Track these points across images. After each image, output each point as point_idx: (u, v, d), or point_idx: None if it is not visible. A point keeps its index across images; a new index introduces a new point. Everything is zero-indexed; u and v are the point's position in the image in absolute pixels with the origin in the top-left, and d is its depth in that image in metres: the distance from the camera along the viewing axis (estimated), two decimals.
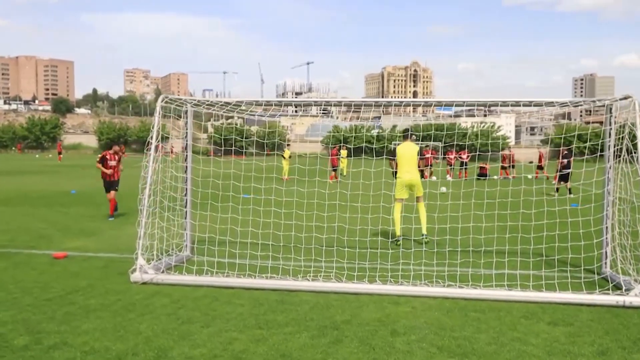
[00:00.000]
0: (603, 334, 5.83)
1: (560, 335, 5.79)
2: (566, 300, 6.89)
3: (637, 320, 6.34)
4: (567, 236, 8.03)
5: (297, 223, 9.12)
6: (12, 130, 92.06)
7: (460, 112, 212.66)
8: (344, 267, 8.03)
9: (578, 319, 6.31)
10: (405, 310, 6.55)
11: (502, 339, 5.64)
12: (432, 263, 8.08)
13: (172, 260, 8.52)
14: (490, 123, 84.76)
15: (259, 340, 5.55)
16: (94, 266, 8.73)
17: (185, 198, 9.21)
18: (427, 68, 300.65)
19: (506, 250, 8.58)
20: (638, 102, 7.40)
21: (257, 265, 8.10)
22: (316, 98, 8.84)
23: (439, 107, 7.74)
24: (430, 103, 8.70)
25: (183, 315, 6.34)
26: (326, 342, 5.50)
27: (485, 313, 6.49)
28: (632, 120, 7.36)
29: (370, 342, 5.52)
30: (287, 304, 6.78)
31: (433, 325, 6.04)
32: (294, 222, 9.06)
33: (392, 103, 9.31)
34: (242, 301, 6.89)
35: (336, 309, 6.59)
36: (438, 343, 5.50)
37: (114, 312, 6.39)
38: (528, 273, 7.68)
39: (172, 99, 8.59)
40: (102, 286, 7.52)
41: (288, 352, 5.23)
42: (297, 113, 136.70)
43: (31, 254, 9.59)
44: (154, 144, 8.15)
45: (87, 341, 5.45)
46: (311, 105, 10.05)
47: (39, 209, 15.90)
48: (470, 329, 5.92)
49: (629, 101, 7.54)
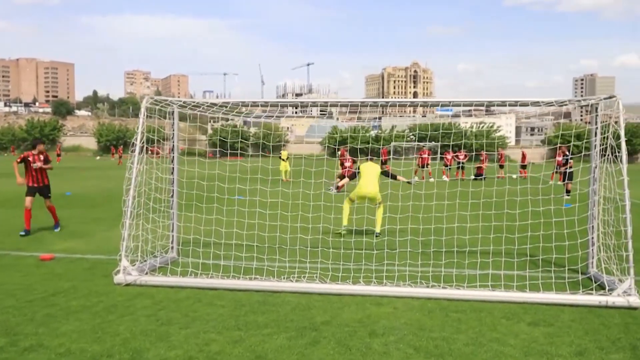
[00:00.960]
0: (583, 334, 5.81)
1: (540, 335, 5.77)
2: (549, 300, 6.87)
3: (618, 320, 6.32)
4: (551, 236, 8.01)
5: (282, 224, 9.10)
6: (12, 133, 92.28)
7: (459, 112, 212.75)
8: (329, 268, 8.01)
9: (559, 320, 6.30)
10: (386, 311, 6.54)
11: (481, 340, 5.62)
12: (417, 264, 8.06)
13: (157, 261, 8.51)
14: (490, 123, 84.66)
15: (237, 341, 5.54)
16: (80, 268, 8.72)
17: (172, 199, 9.20)
18: (427, 69, 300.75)
19: (490, 250, 8.57)
20: (622, 101, 7.39)
21: (242, 267, 8.09)
22: (303, 99, 8.77)
23: (437, 108, 7.64)
24: (417, 103, 8.68)
25: (163, 316, 6.32)
26: (303, 344, 5.48)
27: (467, 314, 6.48)
28: (616, 120, 7.35)
29: (348, 343, 5.51)
30: (268, 305, 6.77)
31: (412, 326, 6.02)
32: (278, 223, 9.05)
33: (389, 103, 9.27)
34: (224, 302, 6.87)
35: (317, 310, 6.58)
36: (415, 344, 5.49)
37: (94, 314, 6.37)
38: (512, 273, 7.67)
39: (157, 100, 8.58)
40: (86, 288, 7.51)
41: (264, 354, 5.22)
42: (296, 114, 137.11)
43: (18, 256, 9.58)
44: (139, 145, 8.14)
45: (63, 343, 5.44)
46: (298, 105, 10.06)
47: (32, 210, 15.86)
48: (449, 330, 5.91)
49: (612, 100, 7.52)
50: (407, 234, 8.98)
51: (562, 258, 8.03)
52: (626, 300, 6.75)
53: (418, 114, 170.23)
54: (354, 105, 9.06)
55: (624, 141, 7.24)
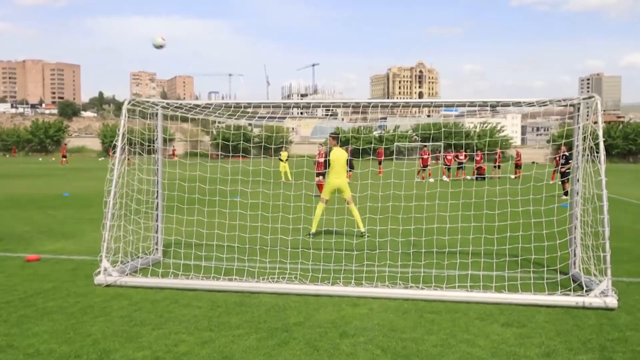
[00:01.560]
0: (554, 335, 5.80)
1: (511, 336, 5.76)
2: (525, 301, 6.86)
3: (593, 321, 6.30)
4: (530, 237, 8.00)
5: (263, 225, 9.11)
6: (17, 134, 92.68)
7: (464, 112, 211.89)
8: (309, 269, 8.02)
9: (533, 320, 6.28)
10: (361, 312, 6.54)
11: (451, 341, 5.61)
12: (397, 264, 8.06)
13: (139, 263, 8.53)
14: (494, 123, 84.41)
15: (206, 342, 5.55)
16: (64, 269, 8.75)
17: (156, 201, 9.23)
18: (432, 69, 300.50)
19: (470, 251, 8.56)
20: (600, 102, 7.37)
21: (223, 268, 8.11)
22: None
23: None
24: (410, 104, 8.67)
25: (137, 317, 6.34)
26: (272, 344, 5.49)
27: (442, 314, 6.47)
28: (595, 120, 7.34)
29: (317, 344, 5.51)
30: (244, 306, 6.78)
31: (384, 327, 6.02)
32: (259, 224, 9.06)
33: (371, 104, 9.28)
34: (201, 303, 6.89)
35: (292, 311, 6.59)
36: (384, 345, 5.49)
37: (69, 315, 6.40)
38: (491, 274, 7.65)
39: (139, 102, 8.61)
40: (66, 289, 7.54)
41: (231, 354, 5.23)
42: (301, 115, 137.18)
43: (5, 257, 9.62)
44: (120, 146, 8.17)
45: (33, 343, 5.46)
46: (290, 107, 10.01)
47: (27, 212, 15.97)
48: (421, 331, 5.90)
49: (591, 101, 7.50)
50: (387, 234, 8.99)
51: (541, 259, 8.01)
52: (603, 301, 6.73)
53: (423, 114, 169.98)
54: (346, 106, 9.07)
55: (602, 141, 7.23)
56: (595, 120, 7.31)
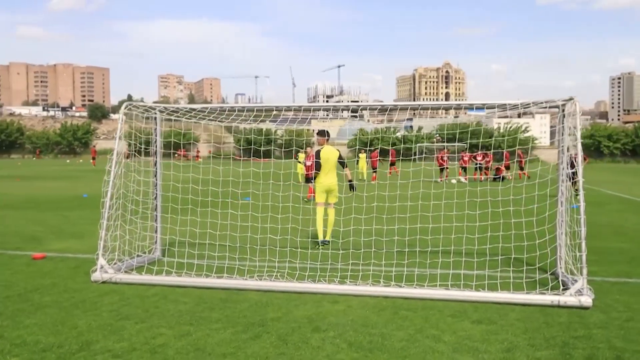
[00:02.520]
0: (521, 332, 5.96)
1: (478, 333, 5.93)
2: (501, 299, 7.01)
3: (564, 319, 6.43)
4: (511, 236, 8.14)
5: (252, 225, 9.40)
6: (46, 136, 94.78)
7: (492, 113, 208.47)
8: (296, 267, 8.28)
9: (505, 318, 6.44)
10: (339, 309, 6.77)
11: (417, 336, 5.81)
12: (381, 263, 8.27)
13: (138, 261, 8.87)
14: (519, 123, 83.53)
15: (183, 335, 5.85)
16: (67, 266, 9.14)
17: (155, 202, 9.59)
18: (459, 69, 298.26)
19: (452, 250, 8.71)
20: (579, 104, 7.49)
21: (214, 266, 8.41)
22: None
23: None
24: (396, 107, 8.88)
25: (125, 312, 6.67)
26: (245, 338, 5.76)
27: (417, 312, 6.67)
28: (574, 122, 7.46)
29: (287, 337, 5.76)
30: (229, 302, 7.07)
31: (357, 322, 6.25)
32: (249, 224, 9.35)
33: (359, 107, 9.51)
34: (188, 299, 7.20)
35: (273, 307, 6.85)
36: (351, 339, 5.71)
37: (61, 309, 6.76)
38: (472, 273, 7.81)
39: (137, 106, 8.97)
40: (64, 285, 7.92)
41: (203, 346, 5.51)
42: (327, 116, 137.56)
43: (14, 255, 10.07)
44: (116, 149, 8.54)
45: (22, 335, 5.82)
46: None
47: (43, 213, 16.53)
48: (391, 327, 6.11)
49: (571, 103, 7.62)
50: (371, 234, 9.21)
51: (521, 258, 8.15)
52: (578, 300, 6.85)
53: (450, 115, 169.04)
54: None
55: (579, 142, 7.35)
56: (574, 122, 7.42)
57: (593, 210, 17.79)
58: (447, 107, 8.86)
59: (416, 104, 8.73)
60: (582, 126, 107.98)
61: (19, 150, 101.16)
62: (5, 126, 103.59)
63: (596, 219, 15.52)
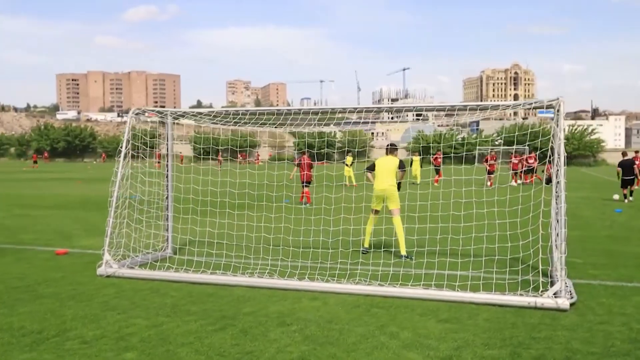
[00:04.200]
0: (481, 332, 5.99)
1: (436, 331, 6.00)
2: (479, 300, 7.02)
3: (535, 320, 6.40)
4: (495, 237, 8.10)
5: (248, 224, 9.73)
6: (117, 141, 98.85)
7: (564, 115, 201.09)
8: (288, 265, 8.54)
9: (474, 318, 6.47)
10: (314, 305, 6.98)
11: (376, 332, 5.95)
12: (368, 262, 8.40)
13: (145, 258, 9.36)
14: (584, 126, 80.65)
15: (155, 325, 6.21)
16: (83, 262, 9.74)
17: (166, 202, 10.08)
18: (528, 70, 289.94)
19: (437, 250, 8.71)
20: (564, 104, 7.41)
21: (212, 263, 8.79)
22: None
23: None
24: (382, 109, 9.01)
25: (113, 303, 7.12)
26: (210, 330, 6.06)
27: (388, 310, 6.79)
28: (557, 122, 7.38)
29: (250, 330, 6.02)
30: (214, 297, 7.40)
31: (324, 318, 6.44)
32: (245, 222, 9.68)
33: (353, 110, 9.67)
34: (177, 294, 7.59)
35: (253, 302, 7.14)
36: (310, 333, 5.91)
37: (58, 300, 7.27)
38: (456, 273, 7.83)
39: (145, 110, 9.48)
40: (71, 278, 8.49)
41: (167, 336, 5.86)
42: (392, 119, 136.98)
43: (41, 251, 10.79)
44: (124, 151, 9.07)
45: (11, 321, 6.34)
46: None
47: (88, 212, 17.46)
48: (355, 323, 6.26)
49: (556, 102, 7.53)
50: (359, 234, 9.36)
51: (504, 259, 8.10)
52: (555, 302, 6.78)
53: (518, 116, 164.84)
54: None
55: (562, 143, 7.26)
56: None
57: (638, 214, 17.21)
58: (419, 109, 8.94)
59: (415, 106, 8.82)
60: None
61: (91, 155, 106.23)
62: (79, 131, 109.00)
63: (633, 223, 15.04)
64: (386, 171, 9.84)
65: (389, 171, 9.83)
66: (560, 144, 7.24)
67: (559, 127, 7.31)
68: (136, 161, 9.66)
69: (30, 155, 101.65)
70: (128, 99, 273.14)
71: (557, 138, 7.28)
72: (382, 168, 9.91)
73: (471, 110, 8.44)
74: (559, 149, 7.37)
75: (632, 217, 16.33)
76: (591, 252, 10.46)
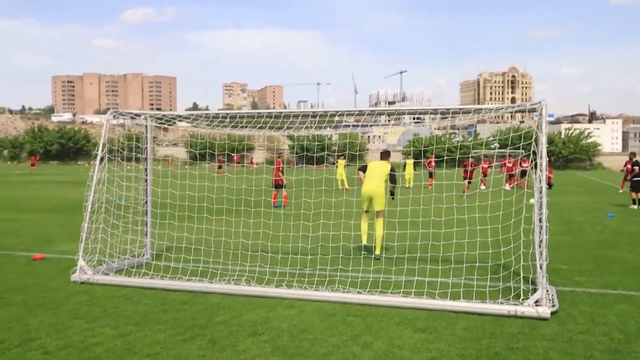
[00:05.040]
0: (457, 342, 5.81)
1: (412, 341, 5.82)
2: (458, 308, 6.85)
3: (514, 329, 6.23)
4: (476, 244, 7.93)
5: (226, 229, 9.53)
6: (111, 144, 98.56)
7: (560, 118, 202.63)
8: (266, 272, 8.35)
9: (452, 327, 6.29)
10: (288, 314, 6.79)
11: (349, 343, 5.77)
12: (348, 269, 8.22)
13: (122, 264, 9.15)
14: (581, 129, 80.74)
15: (122, 335, 6.01)
16: (59, 267, 9.53)
17: (145, 207, 9.90)
18: (525, 73, 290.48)
19: (417, 257, 8.53)
20: (546, 107, 7.25)
21: (189, 269, 8.59)
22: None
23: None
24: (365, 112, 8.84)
25: (82, 312, 6.91)
26: (178, 340, 5.87)
27: (365, 318, 6.60)
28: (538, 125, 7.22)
29: (219, 341, 5.83)
30: (187, 305, 7.20)
31: (297, 327, 6.25)
32: (223, 228, 9.49)
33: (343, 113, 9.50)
34: (150, 301, 7.38)
35: (226, 310, 6.94)
36: (280, 344, 5.73)
37: (25, 308, 7.06)
38: (436, 280, 7.65)
39: (122, 113, 9.29)
40: (45, 284, 8.28)
41: (133, 346, 5.66)
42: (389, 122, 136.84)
43: (18, 256, 10.57)
44: (100, 155, 8.88)
45: None
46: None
47: (75, 217, 17.16)
48: (329, 333, 6.08)
49: (538, 105, 7.37)
50: (339, 240, 9.20)
51: (485, 266, 7.92)
52: (535, 310, 6.61)
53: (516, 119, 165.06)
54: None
55: (544, 147, 7.10)
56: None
57: (629, 219, 17.07)
58: (431, 111, 8.77)
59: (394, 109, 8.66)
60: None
61: (86, 157, 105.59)
62: (73, 134, 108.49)
63: (624, 227, 14.90)
64: (376, 174, 10.31)
65: (379, 175, 10.29)
66: (543, 148, 7.07)
67: (542, 130, 7.14)
68: (113, 165, 9.44)
69: (24, 158, 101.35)
70: (124, 101, 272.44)
71: (540, 142, 7.12)
72: (373, 171, 10.42)
73: (454, 114, 8.27)
74: (541, 153, 7.21)
75: (623, 222, 16.19)
76: (579, 257, 10.30)
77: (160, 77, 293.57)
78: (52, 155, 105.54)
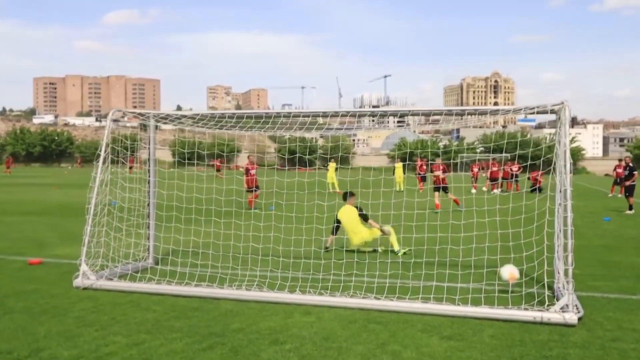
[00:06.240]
0: (489, 350, 5.59)
1: (441, 350, 5.60)
2: (482, 314, 6.62)
3: (543, 337, 6.03)
4: (497, 248, 7.74)
5: (236, 233, 9.24)
6: (95, 146, 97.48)
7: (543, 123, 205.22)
8: (278, 277, 8.08)
9: (479, 334, 6.07)
10: (307, 321, 6.53)
11: (376, 352, 5.52)
12: (363, 274, 7.98)
13: (125, 268, 8.83)
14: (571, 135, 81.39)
15: (136, 344, 5.71)
16: (59, 272, 9.18)
17: (148, 210, 9.58)
18: (508, 78, 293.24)
19: (435, 261, 8.33)
20: (569, 109, 7.08)
21: (196, 274, 8.28)
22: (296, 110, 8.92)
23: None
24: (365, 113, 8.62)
25: (90, 319, 6.59)
26: (197, 349, 5.58)
27: (387, 325, 6.36)
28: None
29: (241, 350, 5.56)
30: (199, 311, 6.91)
31: (319, 335, 5.99)
32: (232, 231, 9.19)
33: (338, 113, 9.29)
34: (160, 307, 7.08)
35: (241, 317, 6.66)
36: (306, 353, 5.47)
37: (29, 315, 6.73)
38: (456, 286, 7.44)
39: (125, 113, 8.98)
40: (46, 290, 7.93)
41: (150, 356, 5.37)
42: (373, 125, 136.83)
43: (13, 260, 10.18)
44: (102, 155, 8.56)
45: None
46: (272, 117, 9.72)
47: (65, 219, 16.78)
48: (353, 341, 5.83)
49: (559, 107, 7.20)
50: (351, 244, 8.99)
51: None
52: (562, 317, 6.42)
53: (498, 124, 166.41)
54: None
55: (568, 149, 6.93)
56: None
57: (626, 223, 17.04)
58: (415, 113, 8.61)
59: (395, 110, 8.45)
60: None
61: (69, 160, 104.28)
62: (56, 136, 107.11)
63: (624, 232, 14.84)
64: (349, 225, 10.34)
65: (352, 223, 10.33)
66: (566, 150, 6.90)
67: (564, 132, 6.96)
68: (116, 166, 9.12)
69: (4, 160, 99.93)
70: (107, 104, 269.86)
71: (562, 144, 6.94)
72: (345, 222, 10.42)
73: (470, 115, 8.09)
74: (564, 155, 7.03)
75: (621, 226, 16.13)
76: (588, 262, 10.14)
77: (144, 80, 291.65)
78: (34, 157, 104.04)
